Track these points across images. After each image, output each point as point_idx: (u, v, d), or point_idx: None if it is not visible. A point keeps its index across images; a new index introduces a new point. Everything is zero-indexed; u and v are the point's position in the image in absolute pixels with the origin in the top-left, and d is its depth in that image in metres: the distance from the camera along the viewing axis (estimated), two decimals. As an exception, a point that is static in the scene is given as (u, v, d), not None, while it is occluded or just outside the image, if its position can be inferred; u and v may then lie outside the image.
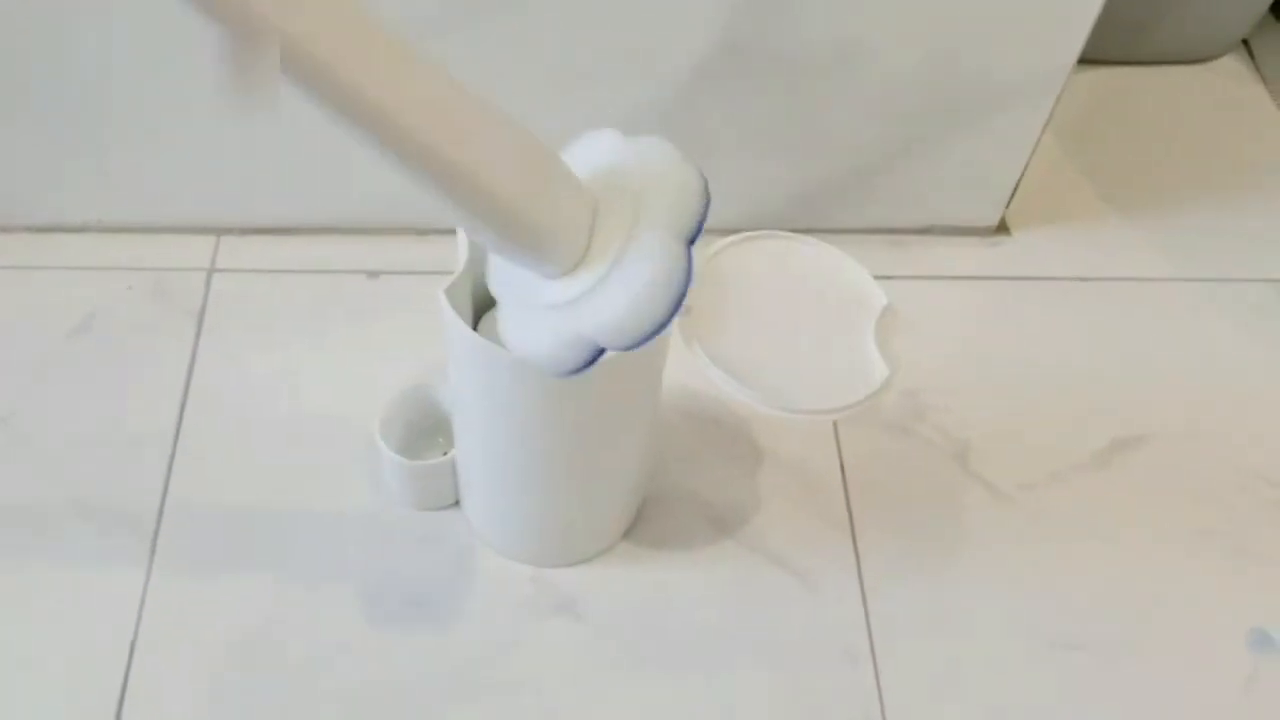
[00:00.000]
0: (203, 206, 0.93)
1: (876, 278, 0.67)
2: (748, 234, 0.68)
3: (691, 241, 0.55)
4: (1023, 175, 0.93)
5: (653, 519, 0.81)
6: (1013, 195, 0.95)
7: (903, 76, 0.84)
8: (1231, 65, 1.13)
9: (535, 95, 0.84)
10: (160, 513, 0.79)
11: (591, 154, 0.58)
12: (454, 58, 0.80)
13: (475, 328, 0.68)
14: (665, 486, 0.82)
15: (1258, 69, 1.13)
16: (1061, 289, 0.96)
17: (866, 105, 0.86)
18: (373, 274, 0.92)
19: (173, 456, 0.82)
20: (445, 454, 0.77)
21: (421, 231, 0.94)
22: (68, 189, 0.91)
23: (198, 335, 0.88)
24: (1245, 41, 1.15)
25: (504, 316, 0.58)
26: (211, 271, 0.92)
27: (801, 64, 0.83)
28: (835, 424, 0.86)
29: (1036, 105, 0.87)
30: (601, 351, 0.55)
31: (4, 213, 0.93)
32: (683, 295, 0.54)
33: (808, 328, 0.65)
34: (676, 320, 0.54)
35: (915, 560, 0.80)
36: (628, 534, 0.80)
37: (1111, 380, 0.90)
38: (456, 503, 0.80)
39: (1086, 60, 0.88)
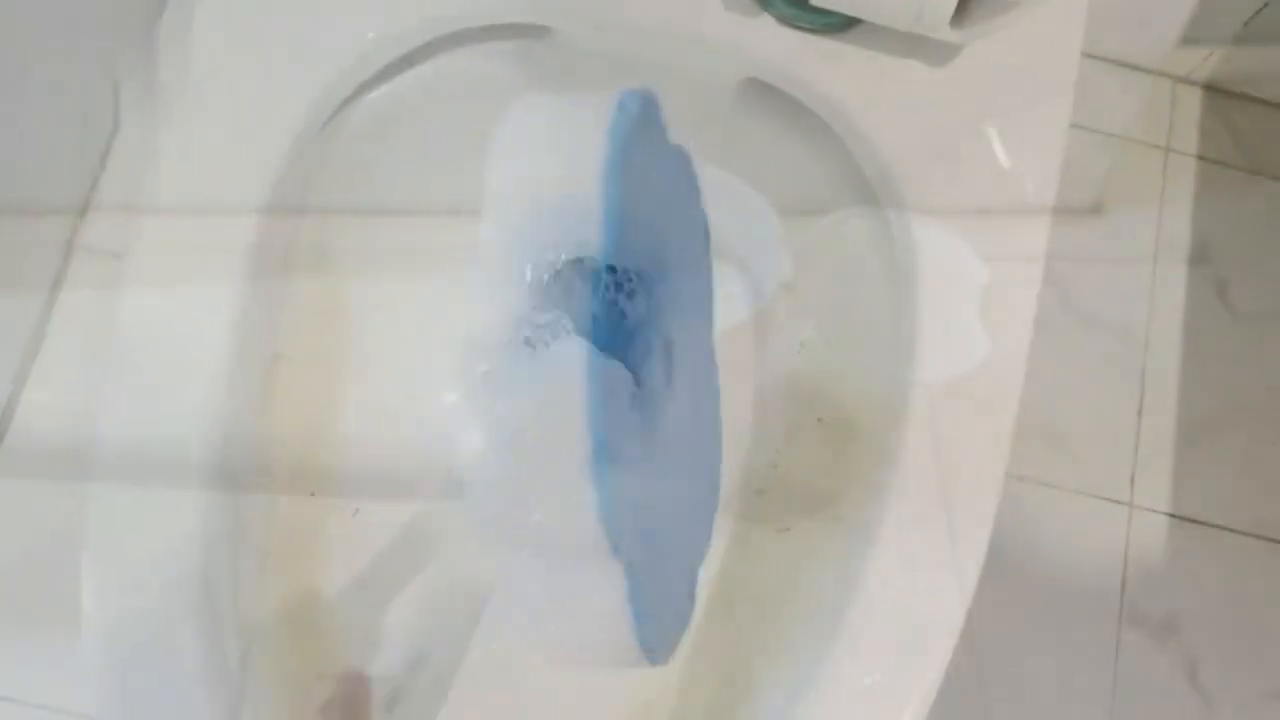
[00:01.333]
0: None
1: (974, 256, 0.68)
2: (847, 211, 0.68)
3: None
4: (1117, 156, 0.93)
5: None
6: (1107, 175, 0.95)
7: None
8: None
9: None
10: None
11: None
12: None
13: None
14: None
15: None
16: (1160, 267, 0.95)
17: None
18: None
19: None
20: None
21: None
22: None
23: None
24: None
25: None
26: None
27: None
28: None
29: (1132, 86, 0.87)
30: None
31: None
32: None
33: (908, 304, 0.66)
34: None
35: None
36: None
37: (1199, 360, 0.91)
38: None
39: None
